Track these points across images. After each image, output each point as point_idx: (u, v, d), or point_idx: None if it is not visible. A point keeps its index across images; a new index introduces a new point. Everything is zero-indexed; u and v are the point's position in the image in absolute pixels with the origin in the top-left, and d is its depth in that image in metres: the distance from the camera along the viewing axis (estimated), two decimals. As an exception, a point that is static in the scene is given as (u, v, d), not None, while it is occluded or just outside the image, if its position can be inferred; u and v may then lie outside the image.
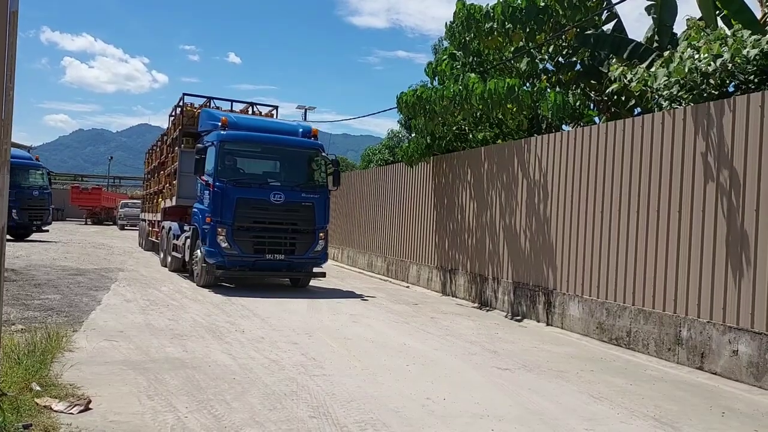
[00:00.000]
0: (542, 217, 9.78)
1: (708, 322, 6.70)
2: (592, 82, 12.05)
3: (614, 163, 8.33)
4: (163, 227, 15.80)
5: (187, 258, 12.79)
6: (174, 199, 14.66)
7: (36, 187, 23.69)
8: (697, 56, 7.52)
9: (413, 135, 15.06)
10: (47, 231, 25.07)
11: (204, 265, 11.50)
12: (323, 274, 12.60)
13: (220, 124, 11.85)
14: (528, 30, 11.14)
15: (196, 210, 12.27)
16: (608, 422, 4.80)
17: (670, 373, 6.65)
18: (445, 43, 18.10)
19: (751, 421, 5.07)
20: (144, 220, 22.30)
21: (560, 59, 12.31)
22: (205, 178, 11.70)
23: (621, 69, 8.81)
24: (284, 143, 12.25)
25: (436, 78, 12.56)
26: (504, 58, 12.36)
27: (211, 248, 11.22)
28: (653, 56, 9.95)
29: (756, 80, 7.21)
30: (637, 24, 17.86)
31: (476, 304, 11.39)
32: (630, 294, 7.85)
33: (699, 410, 5.29)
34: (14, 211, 22.29)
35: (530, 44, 11.61)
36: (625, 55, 10.49)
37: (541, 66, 12.31)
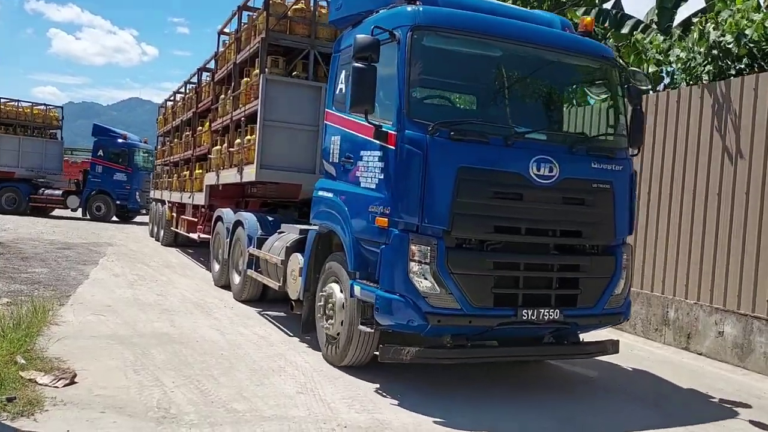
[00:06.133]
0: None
1: (695, 303, 6.75)
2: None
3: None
4: (218, 218, 9.29)
5: (294, 293, 6.05)
6: (248, 169, 7.93)
7: (150, 169, 22.93)
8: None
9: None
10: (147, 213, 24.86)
11: (364, 327, 4.81)
12: (615, 348, 5.23)
13: None
14: (528, 8, 11.00)
15: (328, 196, 5.54)
16: (592, 400, 4.82)
17: (656, 353, 6.71)
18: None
19: (734, 400, 5.13)
20: (161, 201, 15.28)
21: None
22: (369, 122, 4.77)
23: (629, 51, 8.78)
24: (549, 41, 5.20)
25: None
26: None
27: (392, 292, 4.54)
28: (652, 33, 9.87)
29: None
30: (636, 5, 17.72)
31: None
32: (619, 275, 7.87)
33: (683, 390, 5.34)
34: (137, 193, 22.01)
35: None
36: (626, 31, 10.42)
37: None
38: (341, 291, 5.15)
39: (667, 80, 8.75)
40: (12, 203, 22.12)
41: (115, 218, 22.36)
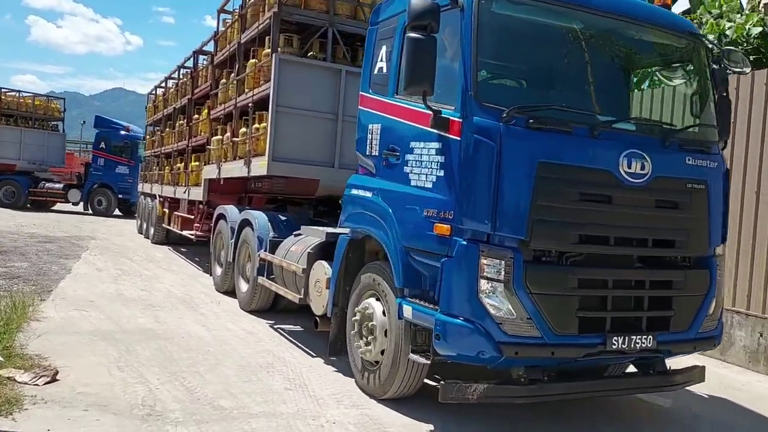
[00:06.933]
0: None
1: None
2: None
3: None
4: (220, 216, 8.26)
5: (319, 308, 5.19)
6: (258, 161, 7.15)
7: None
8: (702, 30, 7.57)
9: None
10: None
11: (418, 357, 3.99)
12: (701, 376, 4.44)
13: None
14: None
15: (365, 195, 4.67)
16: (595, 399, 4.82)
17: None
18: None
19: (741, 401, 5.12)
20: (150, 196, 14.09)
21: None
22: (428, 107, 3.90)
23: None
24: (638, 14, 4.33)
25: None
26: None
27: (455, 315, 3.69)
28: None
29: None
30: None
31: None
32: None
33: (689, 391, 5.30)
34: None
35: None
36: None
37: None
38: (384, 312, 4.30)
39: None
40: (11, 197, 21.48)
41: (117, 212, 21.92)
